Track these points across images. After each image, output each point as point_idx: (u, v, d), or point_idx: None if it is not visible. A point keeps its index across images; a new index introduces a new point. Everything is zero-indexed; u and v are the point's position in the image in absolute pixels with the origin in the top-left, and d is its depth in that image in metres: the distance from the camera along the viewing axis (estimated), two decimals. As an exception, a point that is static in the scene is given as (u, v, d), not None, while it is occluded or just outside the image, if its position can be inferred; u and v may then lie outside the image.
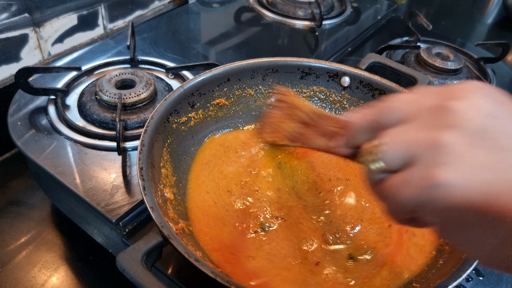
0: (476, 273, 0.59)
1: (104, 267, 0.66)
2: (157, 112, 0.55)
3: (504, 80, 0.99)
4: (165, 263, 0.54)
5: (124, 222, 0.56)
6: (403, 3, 1.41)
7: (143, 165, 0.48)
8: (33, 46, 0.84)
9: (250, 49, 0.97)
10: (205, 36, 1.00)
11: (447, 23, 1.31)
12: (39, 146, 0.63)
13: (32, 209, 0.72)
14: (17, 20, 0.78)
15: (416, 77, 0.69)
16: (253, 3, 1.14)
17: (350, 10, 1.17)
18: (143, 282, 0.38)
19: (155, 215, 0.43)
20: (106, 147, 0.65)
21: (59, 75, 0.77)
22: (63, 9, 0.86)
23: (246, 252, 0.51)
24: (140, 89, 0.71)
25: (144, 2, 1.05)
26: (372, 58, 0.73)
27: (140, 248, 0.41)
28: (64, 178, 0.59)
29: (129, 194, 0.58)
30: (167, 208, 0.49)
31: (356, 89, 0.70)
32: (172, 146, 0.58)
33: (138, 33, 0.94)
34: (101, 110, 0.70)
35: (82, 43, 0.94)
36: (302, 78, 0.71)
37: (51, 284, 0.62)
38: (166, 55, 0.88)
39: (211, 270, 0.39)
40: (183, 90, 0.60)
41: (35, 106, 0.71)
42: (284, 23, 1.08)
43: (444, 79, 0.91)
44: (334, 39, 1.05)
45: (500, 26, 1.35)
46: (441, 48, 0.98)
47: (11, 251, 0.65)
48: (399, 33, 1.10)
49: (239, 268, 0.49)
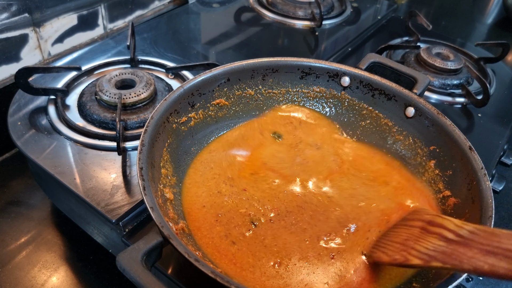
0: (476, 273, 0.59)
1: (104, 267, 0.66)
2: (157, 112, 0.55)
3: (504, 80, 0.99)
4: (165, 263, 0.54)
5: (124, 222, 0.56)
6: (403, 3, 1.41)
7: (143, 165, 0.48)
8: (33, 46, 0.84)
9: (250, 49, 0.97)
10: (205, 36, 1.00)
11: (447, 23, 1.31)
12: (39, 146, 0.63)
13: (32, 209, 0.72)
14: (17, 20, 0.79)
15: (416, 77, 0.69)
16: (253, 3, 1.14)
17: (350, 10, 1.17)
18: (143, 282, 0.38)
19: (155, 215, 0.43)
20: (106, 147, 0.65)
21: (59, 75, 0.77)
22: (63, 9, 0.86)
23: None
24: (140, 89, 0.71)
25: (144, 2, 1.05)
26: (372, 58, 0.73)
27: (140, 248, 0.41)
28: (64, 178, 0.59)
29: (129, 194, 0.58)
30: (167, 208, 0.49)
31: (356, 89, 0.70)
32: (172, 146, 0.58)
33: (138, 33, 0.94)
34: (101, 110, 0.70)
35: (82, 43, 0.94)
36: (302, 78, 0.71)
37: (51, 284, 0.62)
38: (166, 55, 0.88)
39: (211, 270, 0.39)
40: (183, 90, 0.60)
41: (35, 106, 0.71)
42: (284, 23, 1.08)
43: (444, 79, 0.91)
44: (334, 39, 1.05)
45: (500, 26, 1.35)
46: (441, 48, 0.98)
47: (11, 251, 0.65)
48: (399, 33, 1.10)
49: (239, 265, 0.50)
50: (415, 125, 0.65)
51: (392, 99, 0.67)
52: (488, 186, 0.52)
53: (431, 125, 0.63)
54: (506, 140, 0.82)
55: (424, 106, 0.64)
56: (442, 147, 0.61)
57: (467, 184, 0.54)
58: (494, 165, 0.77)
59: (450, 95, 0.89)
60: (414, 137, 0.65)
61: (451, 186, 0.58)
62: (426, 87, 0.68)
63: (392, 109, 0.68)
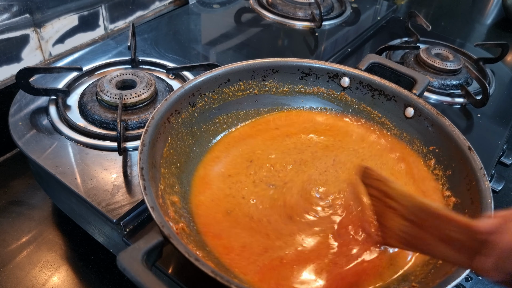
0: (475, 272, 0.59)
1: (104, 266, 0.66)
2: (158, 112, 0.55)
3: (504, 81, 0.99)
4: (166, 262, 0.54)
5: (124, 221, 0.56)
6: (403, 4, 1.41)
7: (144, 165, 0.48)
8: (34, 47, 0.84)
9: (250, 50, 0.97)
10: (205, 37, 1.00)
11: (447, 24, 1.32)
12: (40, 146, 0.63)
13: (33, 209, 0.72)
14: (18, 20, 0.79)
15: (416, 77, 0.69)
16: (253, 4, 1.15)
17: (349, 10, 1.17)
18: (144, 282, 0.38)
19: (155, 214, 0.43)
20: (107, 147, 0.65)
21: (60, 76, 0.77)
22: (64, 9, 0.86)
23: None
24: (140, 90, 0.71)
25: (145, 3, 1.05)
26: (371, 59, 0.73)
27: (141, 248, 0.41)
28: (65, 178, 0.59)
29: (130, 194, 0.58)
30: (167, 208, 0.50)
31: (356, 90, 0.70)
32: (172, 146, 0.58)
33: (139, 34, 0.94)
34: (102, 110, 0.70)
35: (83, 44, 0.94)
36: (302, 79, 0.71)
37: (52, 284, 0.62)
38: (166, 56, 0.88)
39: (211, 270, 0.39)
40: (184, 90, 0.60)
41: (36, 106, 0.71)
42: (284, 24, 1.08)
43: (444, 79, 0.91)
44: (334, 40, 1.05)
45: (500, 26, 1.36)
46: (441, 49, 0.98)
47: (12, 251, 0.66)
48: (399, 34, 1.11)
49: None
50: (414, 125, 0.65)
51: (392, 100, 0.67)
52: (487, 186, 0.52)
53: (431, 126, 0.63)
54: (505, 140, 0.82)
55: (423, 107, 0.64)
56: (441, 147, 0.61)
57: (467, 184, 0.55)
58: (493, 165, 0.77)
59: (450, 95, 0.89)
60: (414, 137, 0.66)
61: (450, 186, 0.59)
62: (426, 87, 0.69)
63: (392, 110, 0.68)
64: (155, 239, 0.42)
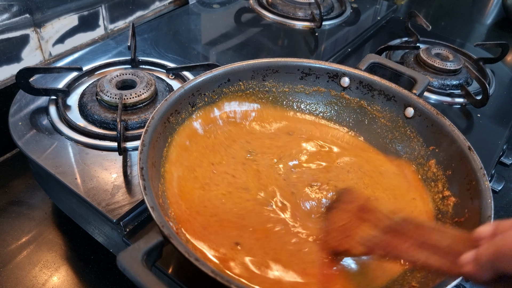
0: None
1: (105, 266, 0.66)
2: (158, 112, 0.55)
3: (503, 81, 0.99)
4: (166, 262, 0.54)
5: (124, 221, 0.56)
6: (403, 4, 1.41)
7: (144, 165, 0.48)
8: (34, 47, 0.84)
9: (250, 50, 0.97)
10: (205, 37, 1.00)
11: (447, 24, 1.32)
12: (40, 146, 0.63)
13: (33, 209, 0.72)
14: (18, 20, 0.79)
15: (416, 77, 0.69)
16: (253, 4, 1.15)
17: (349, 10, 1.17)
18: (144, 282, 0.38)
19: (155, 214, 0.43)
20: (107, 147, 0.65)
21: (60, 76, 0.77)
22: (64, 9, 0.86)
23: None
24: (140, 90, 0.71)
25: (145, 3, 1.05)
26: (371, 59, 0.73)
27: (141, 248, 0.41)
28: (65, 178, 0.59)
29: (130, 194, 0.58)
30: (167, 207, 0.50)
31: (356, 90, 0.70)
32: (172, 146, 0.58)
33: (139, 34, 0.94)
34: (102, 110, 0.70)
35: (83, 44, 0.94)
36: (302, 79, 0.71)
37: (52, 284, 0.62)
38: (166, 56, 0.88)
39: (211, 270, 0.39)
40: (184, 90, 0.60)
41: (36, 106, 0.71)
42: (284, 24, 1.08)
43: (444, 79, 0.92)
44: (334, 40, 1.05)
45: (500, 26, 1.36)
46: (441, 49, 0.98)
47: (12, 251, 0.66)
48: (399, 34, 1.11)
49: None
50: (414, 125, 0.65)
51: (392, 100, 0.67)
52: (487, 186, 0.52)
53: (431, 125, 0.63)
54: (505, 140, 0.82)
55: (423, 107, 0.64)
56: (441, 147, 0.61)
57: (467, 184, 0.55)
58: (493, 165, 0.77)
59: (450, 95, 0.89)
60: (414, 137, 0.66)
61: (450, 186, 0.58)
62: (426, 87, 0.69)
63: (392, 110, 0.68)
64: (155, 239, 0.42)
